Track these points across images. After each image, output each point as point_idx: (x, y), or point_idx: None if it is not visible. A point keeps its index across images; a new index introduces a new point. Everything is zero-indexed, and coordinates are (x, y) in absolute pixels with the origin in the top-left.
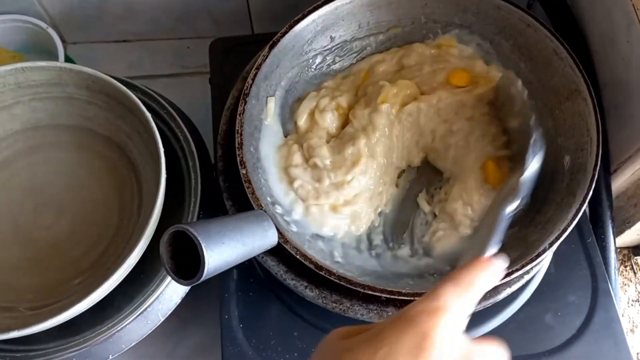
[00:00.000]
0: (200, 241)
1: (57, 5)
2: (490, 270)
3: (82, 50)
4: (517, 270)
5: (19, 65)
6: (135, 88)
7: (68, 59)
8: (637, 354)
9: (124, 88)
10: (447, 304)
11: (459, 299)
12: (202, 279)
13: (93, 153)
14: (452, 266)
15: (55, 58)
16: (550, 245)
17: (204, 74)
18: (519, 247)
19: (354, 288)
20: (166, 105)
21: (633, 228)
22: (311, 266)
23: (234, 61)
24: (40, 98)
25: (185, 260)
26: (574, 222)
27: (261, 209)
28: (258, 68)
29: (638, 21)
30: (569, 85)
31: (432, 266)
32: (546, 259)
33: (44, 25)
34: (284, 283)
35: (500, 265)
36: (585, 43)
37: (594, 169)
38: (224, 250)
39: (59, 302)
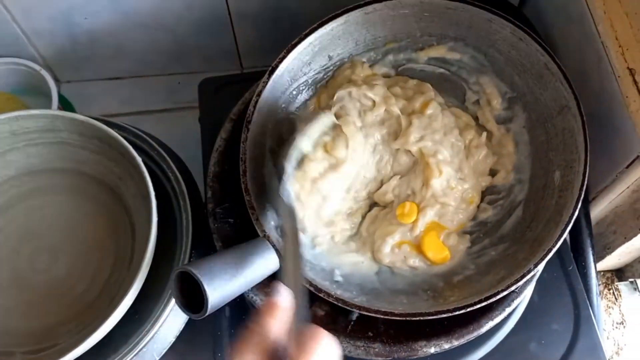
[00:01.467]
0: (203, 281)
1: (49, 48)
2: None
3: (75, 88)
4: (502, 291)
5: (13, 114)
6: (126, 130)
7: (62, 98)
8: None
9: (114, 133)
10: None
11: None
12: (207, 313)
13: (87, 196)
14: (446, 282)
15: (49, 98)
16: (535, 265)
17: (196, 109)
18: (507, 265)
19: (350, 309)
20: (156, 146)
21: (614, 253)
22: (311, 289)
23: (224, 100)
24: (34, 144)
25: (194, 293)
26: (559, 243)
27: (264, 235)
28: (259, 95)
29: (607, 57)
30: (560, 100)
31: (427, 282)
32: (529, 287)
33: (37, 67)
34: None
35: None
36: None
37: (581, 189)
38: (226, 285)
39: (57, 346)
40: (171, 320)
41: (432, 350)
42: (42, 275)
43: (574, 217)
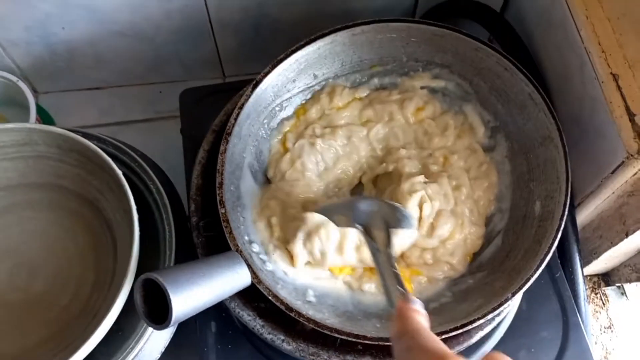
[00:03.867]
0: (168, 289)
1: (26, 58)
2: (414, 310)
3: (53, 99)
4: (479, 318)
5: None
6: (105, 142)
7: (40, 109)
8: None
9: (93, 146)
10: None
11: (433, 342)
12: (172, 324)
13: (66, 211)
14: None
15: (27, 109)
16: (513, 294)
17: (177, 118)
18: (484, 294)
19: (322, 331)
20: (137, 157)
21: (600, 258)
22: (282, 307)
23: (205, 110)
24: (10, 158)
25: (160, 303)
26: (537, 273)
27: (237, 249)
28: (241, 108)
29: (590, 62)
30: (543, 131)
31: None
32: (517, 296)
33: (14, 78)
34: (260, 337)
35: (416, 303)
36: (542, 81)
37: (561, 219)
38: (192, 296)
39: None
40: (156, 337)
41: None
42: (20, 293)
43: (554, 247)
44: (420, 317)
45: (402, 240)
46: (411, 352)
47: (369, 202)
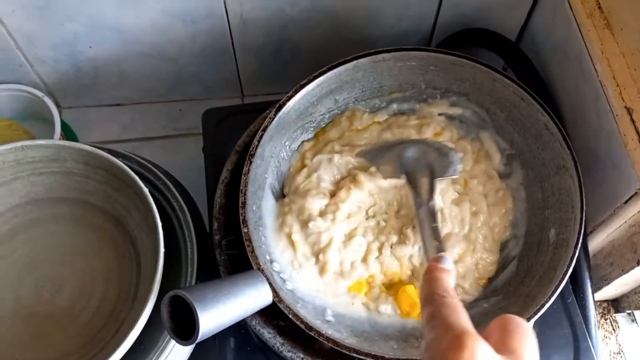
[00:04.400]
0: (196, 307)
1: (52, 75)
2: (442, 271)
3: (76, 114)
4: None
5: (19, 144)
6: (131, 159)
7: (63, 124)
8: None
9: (121, 164)
10: (456, 327)
11: (455, 315)
12: (198, 340)
13: (91, 226)
14: None
15: (51, 124)
16: (528, 320)
17: (196, 135)
18: None
19: (340, 350)
20: (161, 175)
21: (611, 285)
22: (302, 326)
23: (226, 130)
24: (38, 173)
25: (184, 319)
26: (552, 299)
27: (259, 268)
28: (264, 130)
29: (604, 95)
30: (558, 160)
31: (417, 329)
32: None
33: (40, 94)
34: (280, 355)
35: (446, 261)
36: (557, 111)
37: (575, 247)
38: (218, 314)
39: None
40: (176, 351)
41: None
42: (45, 306)
43: (569, 274)
44: (449, 277)
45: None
46: (433, 321)
47: (417, 147)
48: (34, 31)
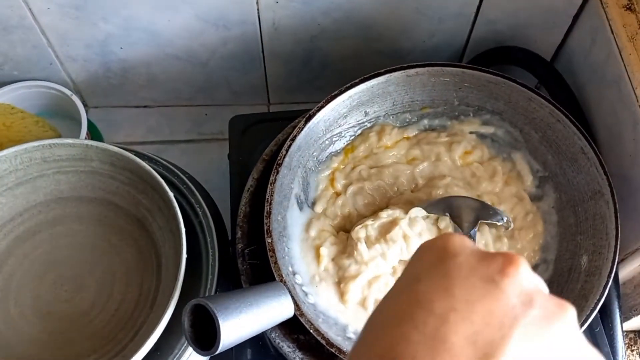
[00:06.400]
0: (218, 317)
1: (82, 74)
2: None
3: (102, 114)
4: None
5: (47, 141)
6: (156, 162)
7: (89, 123)
8: None
9: (147, 166)
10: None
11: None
12: (218, 350)
13: (113, 227)
14: None
15: (77, 122)
16: None
17: (220, 141)
18: None
19: None
20: (186, 180)
21: None
22: (323, 342)
23: (253, 138)
24: (64, 172)
25: (204, 329)
26: (583, 327)
27: (281, 280)
28: (293, 140)
29: None
30: (593, 185)
31: None
32: None
33: (68, 92)
34: None
35: None
36: (592, 134)
37: (609, 276)
38: (240, 325)
39: None
40: (193, 359)
41: None
42: (64, 305)
43: (600, 303)
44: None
45: None
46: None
47: (464, 198)
48: (68, 30)
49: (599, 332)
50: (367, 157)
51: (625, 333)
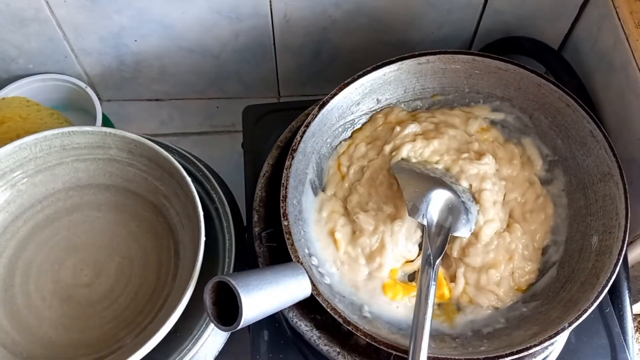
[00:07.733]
0: (240, 293)
1: (96, 67)
2: None
3: (115, 107)
4: (535, 345)
5: (66, 129)
6: (172, 150)
7: (103, 116)
8: None
9: (165, 153)
10: None
11: None
12: (240, 326)
13: (131, 213)
14: (474, 333)
15: (91, 115)
16: (570, 324)
17: (232, 133)
18: (540, 322)
19: (378, 346)
20: (202, 167)
21: None
22: (340, 320)
23: (266, 127)
24: (82, 159)
25: (225, 307)
26: (595, 304)
27: (298, 261)
28: (307, 126)
29: None
30: (603, 167)
31: (454, 329)
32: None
33: (83, 85)
34: (316, 348)
35: None
36: (600, 120)
37: (619, 254)
38: (260, 301)
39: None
40: (211, 341)
41: None
42: (84, 290)
43: (612, 280)
44: None
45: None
46: None
47: (446, 195)
48: (83, 22)
49: (609, 313)
50: (369, 136)
51: (634, 317)
